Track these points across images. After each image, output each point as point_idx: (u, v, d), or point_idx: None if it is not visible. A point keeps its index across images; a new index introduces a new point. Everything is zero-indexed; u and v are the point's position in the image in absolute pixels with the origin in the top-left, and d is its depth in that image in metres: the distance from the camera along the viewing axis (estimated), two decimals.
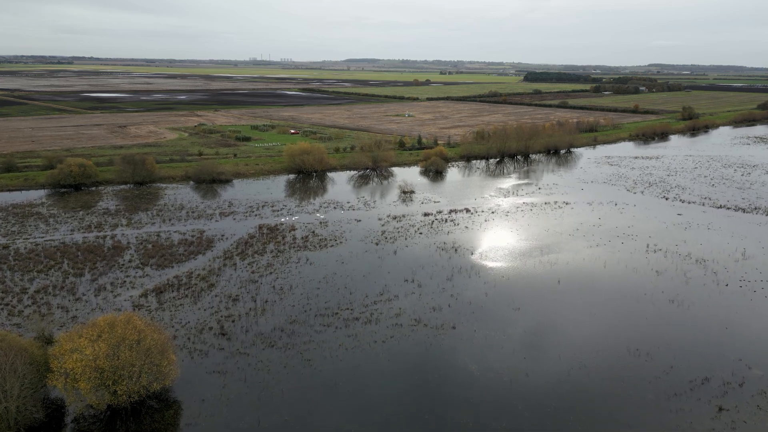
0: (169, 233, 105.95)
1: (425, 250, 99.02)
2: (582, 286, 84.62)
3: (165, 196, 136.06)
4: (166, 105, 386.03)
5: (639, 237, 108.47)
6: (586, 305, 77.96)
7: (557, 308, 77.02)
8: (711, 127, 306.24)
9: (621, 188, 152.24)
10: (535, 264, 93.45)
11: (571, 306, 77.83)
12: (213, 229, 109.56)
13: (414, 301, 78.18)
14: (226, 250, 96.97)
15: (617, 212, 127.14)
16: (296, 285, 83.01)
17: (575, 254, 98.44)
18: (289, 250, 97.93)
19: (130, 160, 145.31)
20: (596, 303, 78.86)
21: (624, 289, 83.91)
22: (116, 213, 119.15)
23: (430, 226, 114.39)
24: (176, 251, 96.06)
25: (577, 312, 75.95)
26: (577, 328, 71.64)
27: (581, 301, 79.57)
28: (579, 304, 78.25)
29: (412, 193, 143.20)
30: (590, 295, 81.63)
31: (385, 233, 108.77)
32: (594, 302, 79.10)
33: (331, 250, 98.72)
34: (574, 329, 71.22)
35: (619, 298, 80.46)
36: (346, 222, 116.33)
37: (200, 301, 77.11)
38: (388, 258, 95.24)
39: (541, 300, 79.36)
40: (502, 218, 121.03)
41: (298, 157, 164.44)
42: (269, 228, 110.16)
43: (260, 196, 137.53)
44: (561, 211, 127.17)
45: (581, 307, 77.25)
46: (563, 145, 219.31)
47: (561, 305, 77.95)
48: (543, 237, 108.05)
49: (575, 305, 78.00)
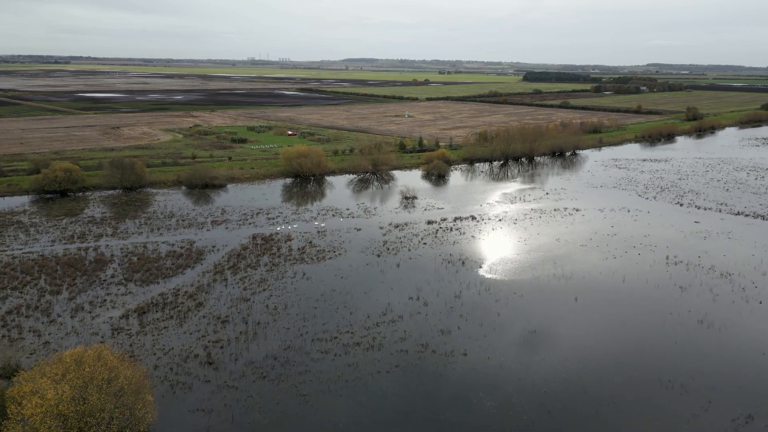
0: (156, 244, 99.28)
1: (430, 263, 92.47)
2: (601, 304, 78.10)
3: (155, 202, 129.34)
4: (162, 105, 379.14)
5: (657, 248, 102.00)
6: (608, 327, 71.43)
7: (577, 331, 70.51)
8: (717, 128, 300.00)
9: (632, 193, 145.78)
10: (548, 278, 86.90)
11: (593, 328, 71.32)
12: (204, 239, 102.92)
13: (420, 322, 71.63)
14: (216, 264, 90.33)
15: (631, 220, 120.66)
16: (292, 304, 76.41)
17: (591, 267, 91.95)
18: (284, 263, 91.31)
19: (118, 165, 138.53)
20: (619, 324, 72.34)
21: (647, 307, 77.40)
22: (101, 221, 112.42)
23: (435, 235, 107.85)
24: (163, 265, 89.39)
25: (599, 335, 69.43)
26: (603, 354, 65.10)
27: (602, 322, 73.06)
28: (601, 326, 71.72)
29: (414, 199, 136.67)
30: (611, 314, 75.12)
31: (387, 243, 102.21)
32: (617, 324, 72.58)
33: (330, 263, 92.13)
34: (599, 356, 64.68)
35: (644, 319, 73.93)
36: (345, 231, 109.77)
37: (186, 323, 70.48)
38: (391, 272, 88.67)
39: (558, 321, 72.82)
40: (510, 226, 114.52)
41: (295, 160, 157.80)
42: (263, 238, 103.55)
43: (255, 202, 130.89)
44: (571, 219, 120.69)
45: (604, 330, 70.72)
46: (568, 147, 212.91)
47: (581, 327, 71.43)
48: (555, 248, 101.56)
49: (597, 327, 71.48)
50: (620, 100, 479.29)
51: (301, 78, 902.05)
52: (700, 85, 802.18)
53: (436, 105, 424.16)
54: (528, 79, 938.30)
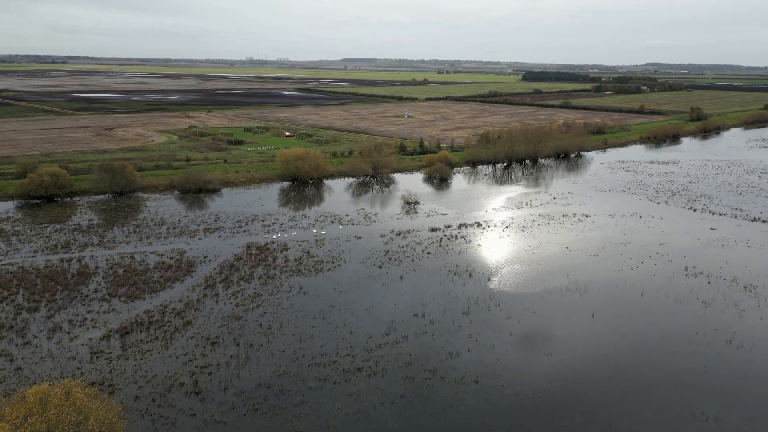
0: (144, 254, 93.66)
1: (435, 275, 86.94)
2: (620, 323, 72.65)
3: (145, 208, 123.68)
4: (158, 105, 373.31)
5: (674, 257, 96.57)
6: (631, 349, 65.91)
7: (597, 354, 65.04)
8: (722, 128, 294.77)
9: (642, 198, 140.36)
10: (562, 292, 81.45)
11: (613, 350, 65.84)
12: (195, 248, 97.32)
13: (426, 343, 66.12)
14: (208, 276, 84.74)
15: (643, 226, 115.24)
16: (287, 322, 70.85)
17: (606, 280, 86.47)
18: (280, 276, 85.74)
19: (107, 169, 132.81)
20: (642, 346, 66.84)
21: (670, 326, 71.94)
22: (88, 229, 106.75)
23: (439, 243, 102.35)
24: (151, 277, 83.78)
25: (622, 359, 63.91)
26: (628, 382, 59.61)
27: (624, 343, 67.57)
28: (623, 348, 66.21)
29: (416, 204, 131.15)
30: (633, 334, 69.64)
31: (388, 253, 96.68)
32: (639, 345, 67.09)
33: (329, 275, 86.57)
34: (624, 384, 59.19)
35: (669, 340, 68.43)
36: (345, 239, 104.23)
37: (173, 344, 64.90)
38: (394, 285, 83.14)
39: (576, 342, 67.35)
40: (517, 234, 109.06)
41: (293, 163, 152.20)
42: (258, 247, 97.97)
43: (250, 208, 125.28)
44: (581, 225, 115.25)
45: (627, 353, 65.17)
46: (573, 149, 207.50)
47: (601, 349, 65.96)
48: (566, 258, 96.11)
49: (618, 349, 65.97)
50: (621, 100, 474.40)
51: (300, 78, 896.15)
52: (700, 84, 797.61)
53: (436, 105, 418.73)
54: (527, 78, 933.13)
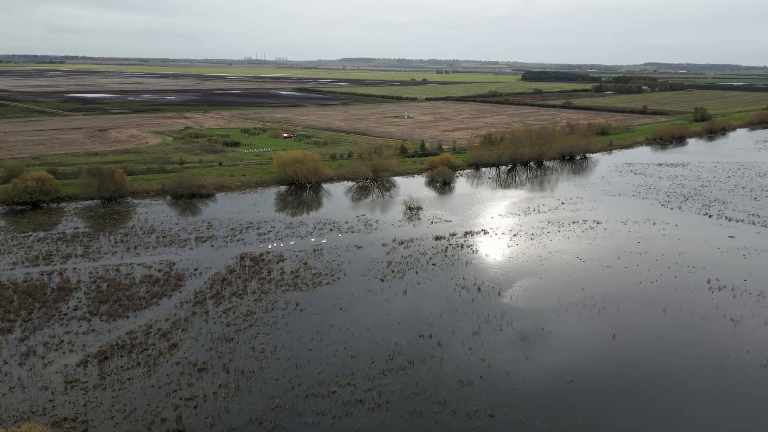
0: (131, 267, 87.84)
1: (442, 290, 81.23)
2: (644, 345, 66.98)
3: (135, 215, 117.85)
4: (154, 106, 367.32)
5: (695, 269, 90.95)
6: (658, 377, 60.19)
7: (622, 381, 59.33)
8: (728, 129, 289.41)
9: (654, 202, 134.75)
10: (578, 309, 75.76)
11: (641, 376, 60.14)
12: (185, 260, 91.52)
13: (435, 369, 60.40)
14: (197, 291, 78.95)
15: (658, 234, 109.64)
16: (282, 344, 65.11)
17: (624, 294, 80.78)
18: (275, 290, 79.98)
19: (96, 173, 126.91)
20: (671, 372, 61.19)
21: (699, 349, 66.28)
22: (72, 239, 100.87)
23: (444, 253, 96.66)
24: (136, 293, 77.98)
25: (649, 388, 58.18)
26: (660, 414, 53.94)
27: (651, 370, 61.84)
28: (650, 375, 60.47)
29: (418, 210, 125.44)
30: (659, 359, 63.93)
31: (391, 264, 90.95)
32: (668, 371, 61.43)
33: (327, 290, 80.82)
34: (656, 417, 53.52)
35: (699, 366, 62.72)
36: (344, 248, 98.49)
37: (156, 371, 59.13)
38: (397, 301, 77.43)
39: (597, 368, 61.66)
40: (526, 242, 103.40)
41: (290, 167, 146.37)
42: (253, 258, 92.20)
43: (245, 214, 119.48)
44: (593, 233, 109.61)
45: (654, 380, 59.42)
46: (578, 151, 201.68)
47: (626, 377, 60.22)
48: (579, 269, 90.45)
49: (646, 377, 60.22)
50: (623, 100, 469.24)
51: (298, 78, 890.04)
52: (701, 84, 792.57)
53: (436, 105, 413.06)
54: (527, 78, 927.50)
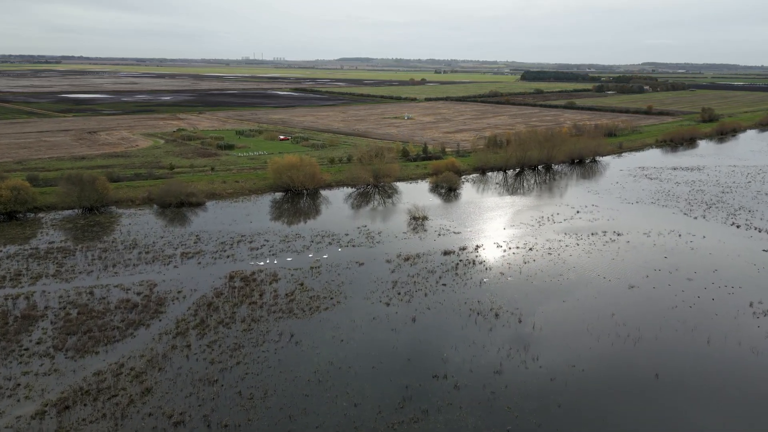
0: (107, 289, 78.77)
1: (455, 316, 72.31)
2: (693, 386, 58.11)
3: (117, 227, 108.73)
4: (148, 107, 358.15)
5: (733, 290, 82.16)
6: (714, 427, 51.36)
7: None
8: (738, 130, 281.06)
9: (675, 211, 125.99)
10: (611, 340, 66.92)
11: (692, 427, 51.30)
12: (168, 280, 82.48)
13: (453, 420, 51.44)
14: (179, 320, 69.96)
15: (686, 247, 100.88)
16: (274, 388, 56.13)
17: (661, 322, 71.95)
18: (267, 318, 71.02)
19: (76, 180, 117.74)
20: (726, 418, 52.36)
21: (754, 389, 57.45)
22: (45, 255, 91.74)
23: (455, 271, 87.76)
24: (110, 322, 68.95)
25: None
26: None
27: (701, 416, 53.03)
28: (702, 425, 51.65)
29: (424, 220, 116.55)
30: (709, 404, 55.09)
31: (397, 285, 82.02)
32: (722, 418, 52.60)
33: (325, 317, 71.85)
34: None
35: (758, 414, 53.95)
36: (344, 266, 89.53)
37: (123, 426, 50.12)
38: (405, 330, 68.49)
39: (644, 419, 52.73)
40: (543, 258, 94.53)
41: (286, 173, 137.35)
42: (243, 278, 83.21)
43: (237, 225, 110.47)
44: (615, 246, 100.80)
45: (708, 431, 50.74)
46: (588, 154, 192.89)
47: (677, 430, 51.40)
48: (606, 291, 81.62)
49: (698, 427, 51.40)
50: (625, 100, 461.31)
51: (296, 78, 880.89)
52: (701, 84, 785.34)
53: (436, 106, 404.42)
54: (526, 78, 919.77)
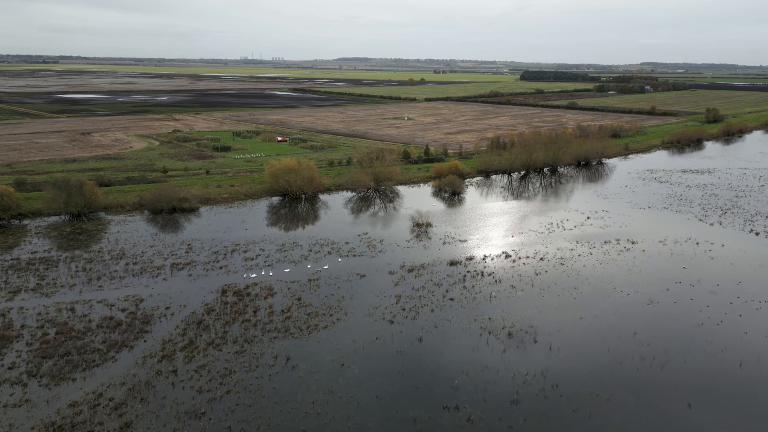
0: (90, 305, 73.27)
1: (465, 336, 66.88)
2: (727, 415, 52.76)
3: (105, 235, 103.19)
4: (144, 107, 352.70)
5: (760, 304, 76.79)
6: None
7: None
8: (744, 131, 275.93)
9: (690, 216, 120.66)
10: (635, 365, 61.51)
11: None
12: (156, 295, 76.99)
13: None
14: (166, 340, 64.46)
15: (705, 257, 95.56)
16: (268, 422, 50.65)
17: (687, 343, 66.58)
18: (261, 338, 65.56)
19: (63, 185, 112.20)
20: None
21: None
22: (27, 267, 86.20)
23: (462, 284, 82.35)
24: (90, 343, 63.46)
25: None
26: None
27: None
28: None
29: (428, 227, 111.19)
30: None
31: (401, 300, 76.60)
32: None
33: (325, 337, 66.40)
34: None
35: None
36: (345, 278, 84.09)
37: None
38: (411, 353, 63.06)
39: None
40: (556, 269, 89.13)
41: (283, 177, 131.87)
42: (236, 292, 77.76)
43: (231, 233, 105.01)
44: (629, 256, 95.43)
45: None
46: (594, 156, 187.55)
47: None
48: (625, 307, 76.23)
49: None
50: (627, 100, 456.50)
51: (294, 78, 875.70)
52: (701, 83, 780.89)
53: (436, 106, 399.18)
54: (525, 78, 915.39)
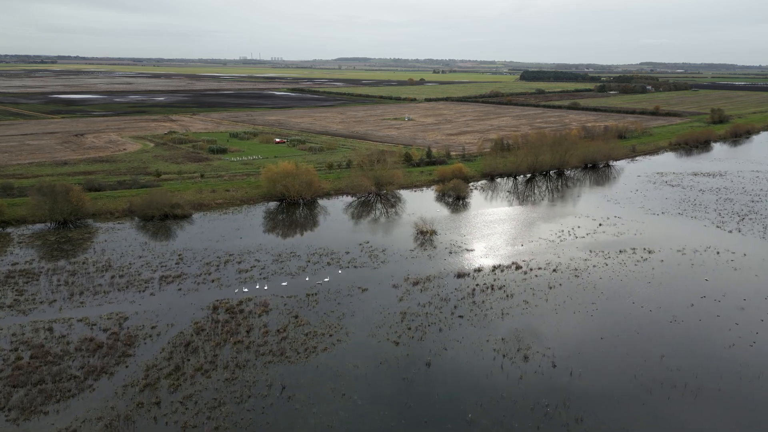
0: (69, 324, 67.63)
1: (477, 359, 61.26)
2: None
3: (91, 244, 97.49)
4: (140, 107, 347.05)
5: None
6: None
7: None
8: (752, 132, 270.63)
9: (707, 223, 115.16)
10: (666, 393, 55.92)
11: None
12: (142, 312, 71.37)
13: None
14: (150, 366, 58.81)
15: (728, 267, 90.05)
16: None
17: (718, 366, 61.07)
18: (254, 362, 59.94)
19: (47, 191, 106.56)
20: None
21: None
22: (5, 280, 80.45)
23: (471, 299, 76.79)
24: (67, 369, 57.80)
25: None
26: None
27: None
28: None
29: (432, 234, 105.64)
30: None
31: (406, 317, 71.01)
32: None
33: (324, 361, 60.77)
34: None
35: None
36: (345, 292, 78.50)
37: None
38: (420, 380, 57.45)
39: None
40: (571, 282, 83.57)
41: (281, 181, 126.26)
42: (229, 309, 72.14)
43: (225, 242, 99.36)
44: (647, 267, 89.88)
45: None
46: (601, 158, 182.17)
47: None
48: (648, 325, 70.69)
49: None
50: (629, 100, 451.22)
51: (293, 78, 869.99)
52: (702, 83, 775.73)
53: (437, 106, 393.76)
54: (525, 78, 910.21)
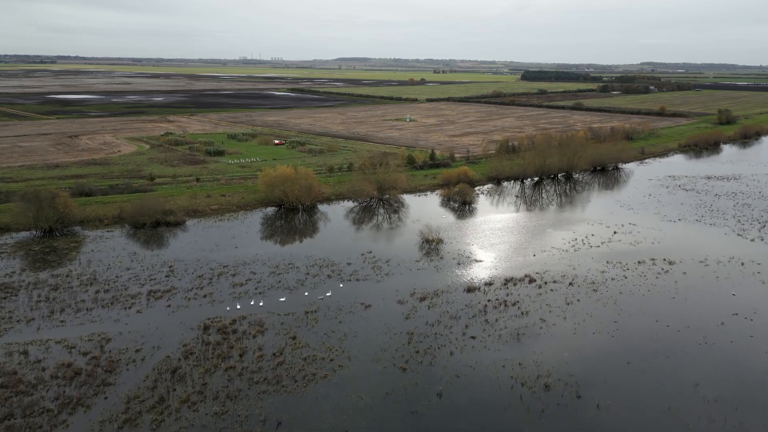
0: (47, 346, 61.97)
1: (493, 390, 55.53)
2: None
3: (77, 255, 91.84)
4: (137, 108, 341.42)
5: None
6: None
7: None
8: (762, 133, 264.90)
9: (727, 231, 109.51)
10: (704, 426, 50.23)
11: None
12: (127, 333, 65.71)
13: None
14: (132, 397, 53.13)
15: (755, 280, 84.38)
16: None
17: (759, 395, 55.32)
18: (247, 393, 54.25)
19: (32, 197, 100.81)
20: None
21: None
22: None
23: (483, 316, 71.15)
24: (38, 402, 52.14)
25: None
26: None
27: None
28: None
29: (438, 243, 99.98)
30: None
31: (413, 338, 65.35)
32: None
33: (323, 391, 55.07)
34: None
35: None
36: (347, 309, 72.85)
37: None
38: (430, 414, 51.77)
39: None
40: (590, 297, 77.91)
41: (279, 186, 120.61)
42: (221, 329, 66.46)
43: (219, 252, 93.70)
44: (670, 280, 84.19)
45: None
46: (610, 160, 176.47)
47: None
48: (676, 348, 64.99)
49: None
50: (633, 101, 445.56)
51: (293, 78, 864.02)
52: (704, 83, 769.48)
53: (438, 107, 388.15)
54: (526, 78, 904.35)
